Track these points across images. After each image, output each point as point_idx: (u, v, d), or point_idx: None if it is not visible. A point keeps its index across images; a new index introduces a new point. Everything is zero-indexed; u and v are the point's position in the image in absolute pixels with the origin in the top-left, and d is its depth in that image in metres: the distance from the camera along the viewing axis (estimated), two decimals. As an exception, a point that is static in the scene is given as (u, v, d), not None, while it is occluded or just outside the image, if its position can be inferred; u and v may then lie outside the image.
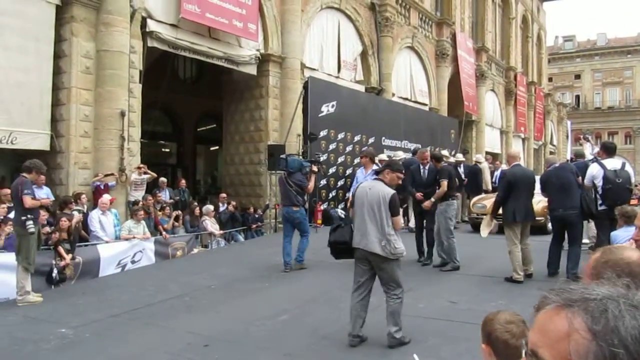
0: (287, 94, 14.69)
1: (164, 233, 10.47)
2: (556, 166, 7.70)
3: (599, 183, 7.25)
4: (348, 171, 14.76)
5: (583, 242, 9.49)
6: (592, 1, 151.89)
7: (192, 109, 20.58)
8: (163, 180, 12.48)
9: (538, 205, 7.80)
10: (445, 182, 8.25)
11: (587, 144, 12.62)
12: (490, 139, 27.77)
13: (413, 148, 15.18)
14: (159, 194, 11.85)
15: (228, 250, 11.58)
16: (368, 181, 5.37)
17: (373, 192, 5.05)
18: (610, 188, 7.10)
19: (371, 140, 15.50)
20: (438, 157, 8.79)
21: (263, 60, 14.27)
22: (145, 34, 11.30)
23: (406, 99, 20.36)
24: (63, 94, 10.13)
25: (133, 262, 9.40)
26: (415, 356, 3.94)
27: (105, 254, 8.97)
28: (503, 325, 1.96)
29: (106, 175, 10.16)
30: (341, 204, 13.32)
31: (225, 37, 13.03)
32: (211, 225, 11.80)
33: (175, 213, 11.47)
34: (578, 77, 59.22)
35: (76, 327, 5.64)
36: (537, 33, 37.16)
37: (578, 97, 58.73)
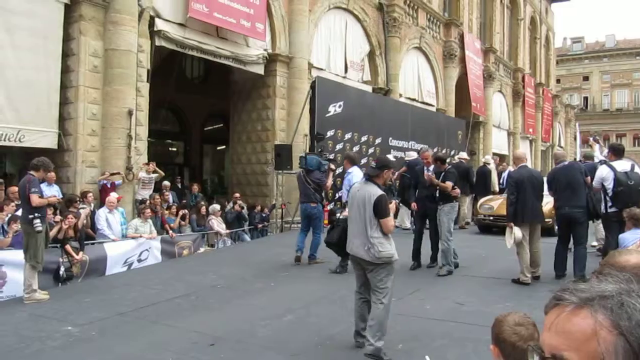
0: (294, 94, 14.70)
1: (171, 232, 10.50)
2: (565, 164, 7.64)
3: (609, 185, 7.19)
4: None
5: (592, 245, 9.47)
6: (601, 2, 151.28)
7: (200, 109, 20.65)
8: (166, 184, 12.51)
9: (546, 206, 7.73)
10: (449, 184, 7.97)
11: (597, 146, 12.53)
12: (497, 141, 27.67)
13: (420, 148, 15.11)
14: (166, 193, 11.88)
15: (234, 249, 11.59)
16: (360, 182, 5.16)
17: (361, 194, 4.85)
18: (622, 190, 7.04)
19: (378, 140, 15.45)
20: (442, 159, 8.50)
21: (270, 60, 14.29)
22: (153, 33, 11.34)
23: (413, 100, 20.32)
24: (71, 93, 10.17)
25: (139, 261, 9.43)
26: (427, 358, 3.92)
27: (112, 253, 9.00)
28: (512, 327, 1.95)
29: (112, 174, 10.19)
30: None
31: (232, 37, 13.05)
32: (217, 224, 11.82)
33: (181, 212, 11.49)
34: (586, 79, 58.88)
35: (82, 325, 5.65)
36: (545, 34, 36.95)
37: (586, 99, 58.39)
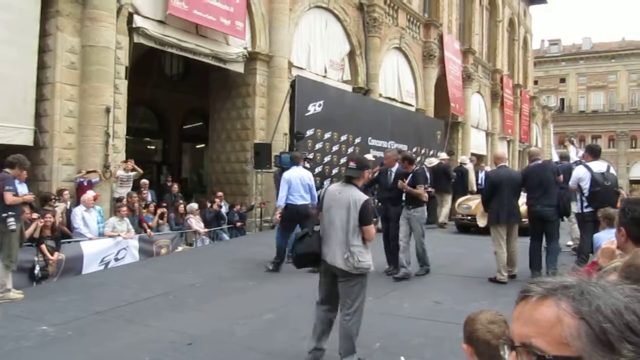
0: (274, 93, 14.66)
1: (149, 230, 10.41)
2: (539, 163, 7.77)
3: (586, 185, 7.33)
4: (334, 170, 14.76)
5: (567, 244, 9.64)
6: (578, 6, 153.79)
7: (178, 106, 20.47)
8: (145, 182, 12.38)
9: (524, 206, 7.86)
10: (421, 188, 7.63)
11: (572, 147, 12.79)
12: (476, 141, 27.94)
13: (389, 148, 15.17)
14: (144, 192, 11.77)
15: (213, 248, 11.53)
16: (337, 184, 4.74)
17: (342, 197, 4.45)
18: (598, 190, 7.19)
19: (358, 140, 15.50)
20: (410, 159, 7.97)
21: (250, 58, 14.22)
22: (131, 30, 11.20)
23: (393, 100, 20.40)
24: (47, 89, 10.00)
25: (117, 260, 9.34)
26: (402, 358, 3.94)
27: (88, 251, 8.89)
28: (485, 325, 1.94)
29: (89, 171, 10.05)
30: None
31: (212, 35, 12.96)
32: (196, 223, 11.74)
33: (160, 211, 11.39)
34: (563, 81, 59.81)
35: (58, 325, 5.57)
36: (524, 36, 37.43)
37: (563, 101, 59.28)
